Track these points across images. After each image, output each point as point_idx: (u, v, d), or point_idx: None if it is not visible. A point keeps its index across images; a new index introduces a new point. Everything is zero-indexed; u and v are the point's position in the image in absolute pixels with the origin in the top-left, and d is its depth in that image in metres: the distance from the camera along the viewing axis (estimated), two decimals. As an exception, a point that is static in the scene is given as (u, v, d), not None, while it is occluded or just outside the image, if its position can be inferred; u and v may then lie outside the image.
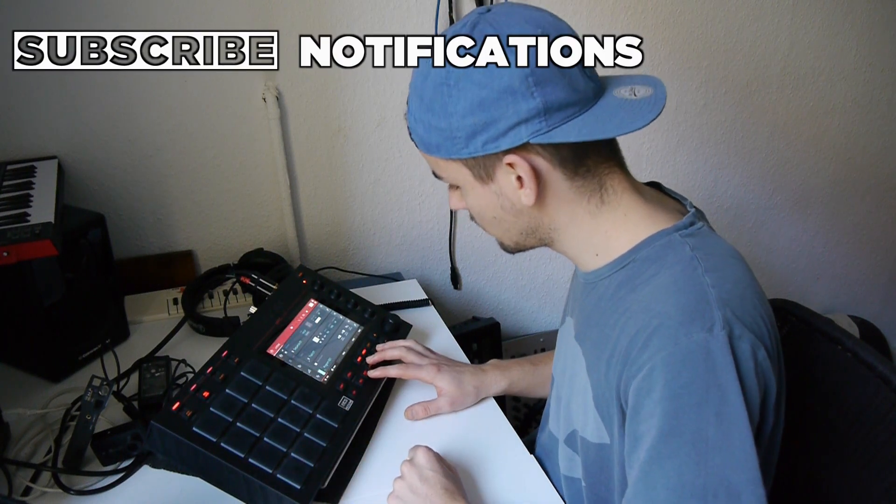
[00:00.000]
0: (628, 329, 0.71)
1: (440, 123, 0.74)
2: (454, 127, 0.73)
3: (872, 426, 0.83)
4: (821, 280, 2.10)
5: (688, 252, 0.73)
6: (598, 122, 0.72)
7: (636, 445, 0.69)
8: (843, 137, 1.90)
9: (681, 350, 0.66)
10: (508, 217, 0.79)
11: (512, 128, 0.71)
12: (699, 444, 0.64)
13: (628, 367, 0.70)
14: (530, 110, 0.70)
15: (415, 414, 1.01)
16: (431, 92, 0.74)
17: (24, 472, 0.91)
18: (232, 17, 1.28)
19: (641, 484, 0.67)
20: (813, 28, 1.73)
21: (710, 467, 0.64)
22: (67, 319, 1.09)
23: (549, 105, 0.70)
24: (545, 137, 0.70)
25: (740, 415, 0.65)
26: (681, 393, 0.65)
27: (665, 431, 0.65)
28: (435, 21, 1.12)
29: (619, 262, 0.77)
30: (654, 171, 1.75)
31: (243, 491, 0.82)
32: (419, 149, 0.80)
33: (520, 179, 0.74)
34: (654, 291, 0.72)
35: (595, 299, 0.80)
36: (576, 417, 0.86)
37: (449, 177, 0.80)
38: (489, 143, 0.72)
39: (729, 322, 0.67)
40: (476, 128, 0.72)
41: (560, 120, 0.71)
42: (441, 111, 0.73)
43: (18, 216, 0.99)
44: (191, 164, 1.36)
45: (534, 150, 0.73)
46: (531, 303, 1.79)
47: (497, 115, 0.70)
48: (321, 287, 1.15)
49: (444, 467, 0.86)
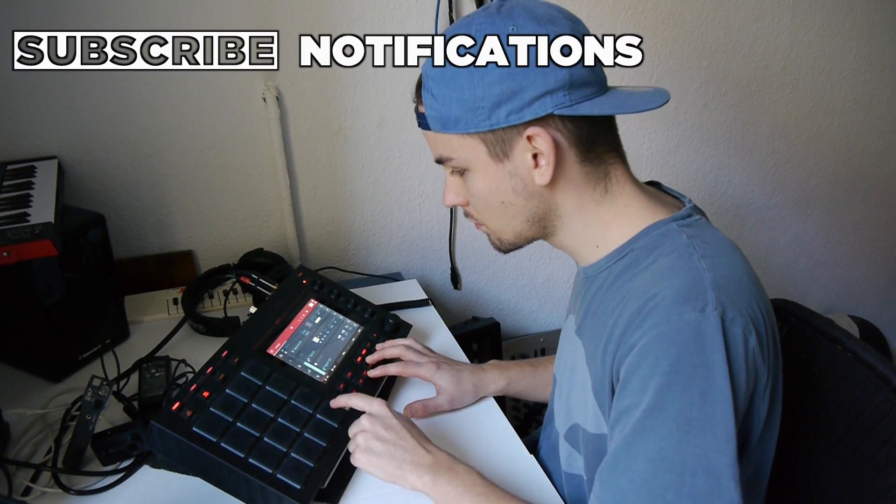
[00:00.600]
0: (625, 313, 0.72)
1: (464, 94, 0.74)
2: (479, 97, 0.73)
3: (872, 426, 0.83)
4: (821, 280, 2.10)
5: (684, 240, 0.74)
6: (615, 101, 0.75)
7: (620, 418, 0.70)
8: (843, 137, 1.90)
9: (672, 328, 0.67)
10: (518, 201, 0.79)
11: (538, 98, 0.72)
12: (682, 422, 0.65)
13: (622, 347, 0.71)
14: (557, 81, 0.72)
15: (414, 412, 1.01)
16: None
17: (24, 472, 0.91)
18: (232, 17, 1.28)
19: (622, 452, 0.68)
20: (813, 28, 1.73)
21: (691, 446, 0.65)
22: (67, 319, 1.09)
23: (574, 80, 0.72)
24: (571, 110, 0.73)
25: (725, 397, 0.65)
26: (668, 370, 0.66)
27: (651, 406, 0.66)
28: (435, 21, 1.12)
29: (619, 253, 0.79)
30: (654, 171, 1.75)
31: (243, 491, 0.82)
32: (432, 128, 0.79)
33: (535, 158, 0.75)
34: (650, 277, 0.73)
35: (595, 291, 0.81)
36: (576, 410, 0.86)
37: (460, 157, 0.79)
38: (512, 114, 0.73)
39: (722, 304, 0.67)
40: (503, 96, 0.72)
41: (581, 97, 0.73)
42: (466, 82, 0.73)
43: (18, 216, 0.99)
44: (191, 164, 1.36)
45: (554, 124, 0.74)
46: (531, 303, 1.79)
47: (525, 84, 0.72)
48: (321, 287, 1.15)
49: (400, 415, 0.88)
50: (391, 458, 0.83)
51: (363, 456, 0.84)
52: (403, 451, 0.83)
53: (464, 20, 0.77)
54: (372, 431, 0.85)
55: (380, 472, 0.83)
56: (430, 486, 0.81)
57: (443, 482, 0.81)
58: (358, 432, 0.86)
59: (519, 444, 0.98)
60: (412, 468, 0.82)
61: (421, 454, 0.83)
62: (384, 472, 0.83)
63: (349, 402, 0.92)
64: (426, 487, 0.81)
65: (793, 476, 0.92)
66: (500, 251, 0.87)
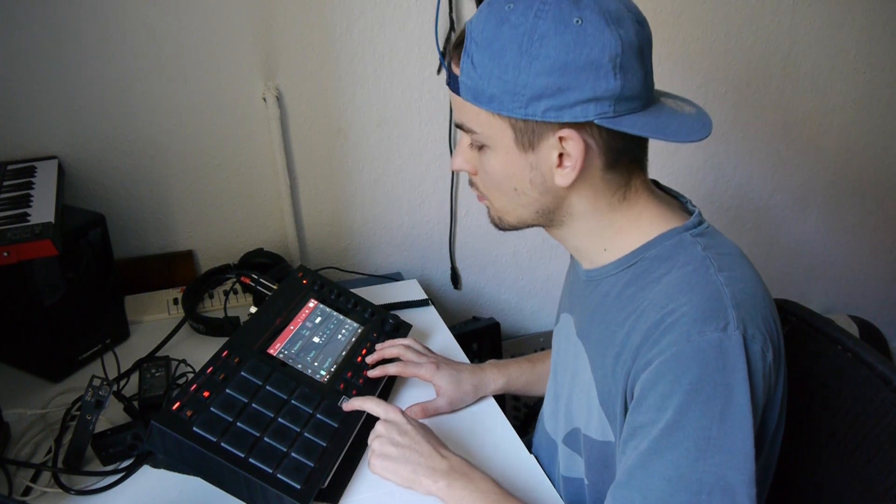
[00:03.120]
0: (640, 326, 0.71)
1: (506, 74, 0.68)
2: (522, 83, 0.68)
3: (872, 426, 0.83)
4: (821, 280, 2.10)
5: (700, 251, 0.73)
6: (658, 122, 0.71)
7: (635, 434, 0.69)
8: (843, 137, 1.90)
9: (693, 347, 0.66)
10: (532, 193, 0.76)
11: (582, 102, 0.68)
12: (700, 441, 0.64)
13: (637, 362, 0.70)
14: (607, 90, 0.67)
15: (414, 415, 1.01)
16: (507, 38, 0.68)
17: (24, 472, 0.91)
18: (232, 17, 1.28)
19: (638, 470, 0.67)
20: (813, 28, 1.73)
21: (709, 465, 0.64)
22: (67, 319, 1.09)
23: (624, 92, 0.68)
24: (612, 123, 0.69)
25: (745, 416, 0.65)
26: (689, 389, 0.65)
27: (669, 424, 0.66)
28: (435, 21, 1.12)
29: (628, 260, 0.77)
30: (654, 171, 1.72)
31: (243, 491, 0.82)
32: (463, 96, 0.73)
33: (560, 158, 0.72)
34: (666, 289, 0.71)
35: (599, 296, 0.80)
36: (578, 415, 0.86)
37: (485, 133, 0.74)
38: (551, 111, 0.69)
39: (743, 322, 0.67)
40: (547, 90, 0.68)
41: (626, 110, 0.69)
42: (513, 62, 0.68)
43: (18, 216, 0.99)
44: (191, 164, 1.36)
45: (590, 131, 0.71)
46: (531, 303, 1.79)
47: (574, 84, 0.67)
48: (321, 287, 1.15)
49: (416, 421, 0.88)
50: (406, 462, 0.82)
51: (378, 461, 0.84)
52: (419, 456, 0.83)
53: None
54: (387, 437, 0.85)
55: (395, 477, 0.83)
56: (445, 491, 0.81)
57: (458, 487, 0.80)
58: (374, 438, 0.86)
59: (519, 444, 0.98)
60: (427, 473, 0.81)
61: (436, 459, 0.83)
62: (400, 476, 0.83)
63: (364, 405, 0.92)
64: (441, 492, 0.81)
65: (794, 476, 0.92)
66: (497, 228, 0.84)
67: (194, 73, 1.29)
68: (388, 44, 1.39)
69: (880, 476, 0.82)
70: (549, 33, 0.66)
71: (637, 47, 0.68)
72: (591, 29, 0.66)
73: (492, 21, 0.69)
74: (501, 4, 0.70)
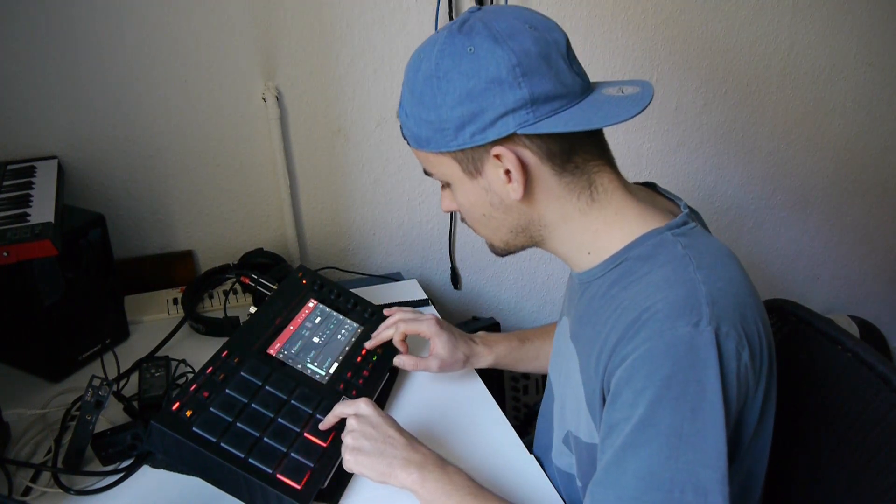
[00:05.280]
0: (618, 325, 0.71)
1: (430, 116, 0.74)
2: (443, 118, 0.73)
3: (872, 426, 0.83)
4: (821, 280, 2.10)
5: (679, 250, 0.73)
6: (584, 115, 0.72)
7: (611, 431, 0.69)
8: (843, 137, 1.90)
9: (664, 343, 0.66)
10: (497, 214, 0.79)
11: (499, 118, 0.71)
12: (672, 438, 0.65)
13: (613, 360, 0.71)
14: (517, 100, 0.70)
15: (403, 364, 1.03)
16: (422, 85, 0.75)
17: (24, 472, 0.91)
18: (232, 17, 1.28)
19: (613, 467, 0.68)
20: (813, 28, 1.73)
21: (681, 463, 0.64)
22: (67, 319, 1.09)
23: (536, 96, 0.71)
24: (532, 128, 0.71)
25: (717, 413, 0.65)
26: (660, 385, 0.66)
27: (642, 421, 0.66)
28: (435, 21, 1.12)
29: (612, 262, 0.77)
30: (654, 171, 1.75)
31: (243, 491, 0.82)
32: (410, 145, 0.81)
33: (508, 174, 0.74)
34: (645, 288, 0.72)
35: (588, 299, 0.81)
36: (570, 418, 0.86)
37: (439, 172, 0.80)
38: (477, 135, 0.73)
39: (717, 318, 0.67)
40: (464, 119, 0.72)
41: (547, 112, 0.71)
42: (431, 103, 0.74)
43: (18, 216, 0.99)
44: (191, 164, 1.36)
45: (521, 142, 0.73)
46: (531, 303, 1.79)
47: (485, 105, 0.71)
48: (321, 287, 1.15)
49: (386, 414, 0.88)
50: (381, 455, 0.82)
51: (352, 456, 0.83)
52: (393, 448, 0.83)
53: (430, 40, 0.77)
54: (360, 430, 0.84)
55: (370, 472, 0.82)
56: (418, 484, 0.80)
57: (432, 479, 0.80)
58: (346, 433, 0.85)
59: (519, 444, 0.98)
60: (402, 465, 0.81)
61: (410, 451, 0.83)
62: (375, 471, 0.82)
63: (334, 412, 0.90)
64: (415, 485, 0.80)
65: (793, 476, 0.92)
66: (496, 255, 0.87)
67: (194, 73, 1.29)
68: (388, 44, 1.39)
69: (880, 476, 0.82)
70: (451, 68, 0.72)
71: (537, 52, 0.71)
72: (482, 52, 0.71)
73: (411, 71, 0.77)
74: (417, 54, 0.77)
